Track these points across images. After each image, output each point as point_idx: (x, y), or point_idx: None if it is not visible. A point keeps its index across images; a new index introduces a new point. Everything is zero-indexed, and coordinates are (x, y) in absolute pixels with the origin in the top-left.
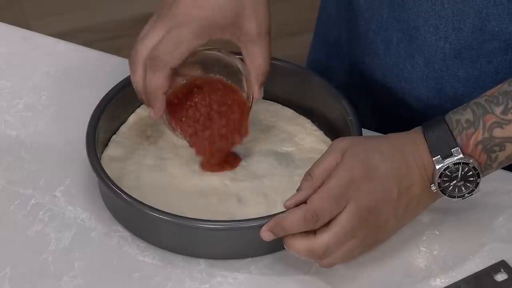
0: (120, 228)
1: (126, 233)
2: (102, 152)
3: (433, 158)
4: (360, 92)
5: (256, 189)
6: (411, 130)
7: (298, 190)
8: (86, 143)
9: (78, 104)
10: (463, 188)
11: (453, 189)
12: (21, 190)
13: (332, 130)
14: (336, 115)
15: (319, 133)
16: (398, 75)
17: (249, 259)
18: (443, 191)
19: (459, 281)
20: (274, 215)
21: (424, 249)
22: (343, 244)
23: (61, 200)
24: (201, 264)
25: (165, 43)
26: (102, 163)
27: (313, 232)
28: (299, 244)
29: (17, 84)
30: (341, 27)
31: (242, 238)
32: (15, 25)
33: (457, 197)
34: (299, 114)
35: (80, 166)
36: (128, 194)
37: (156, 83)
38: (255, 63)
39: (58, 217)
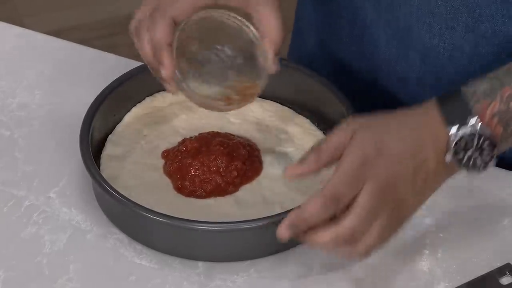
0: (116, 230)
1: (122, 235)
2: (96, 152)
3: (448, 128)
4: (348, 94)
5: (254, 190)
6: (422, 104)
7: (301, 162)
8: (79, 142)
9: (73, 103)
10: (477, 160)
11: (468, 161)
12: (15, 191)
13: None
14: (336, 115)
15: (319, 133)
16: (390, 74)
17: (249, 261)
18: (458, 162)
19: (463, 284)
20: (273, 216)
21: (427, 252)
22: (368, 225)
23: (56, 201)
24: (199, 267)
25: None
26: (102, 163)
27: (334, 223)
28: (324, 236)
29: (10, 83)
30: (320, 30)
31: (240, 239)
32: (8, 23)
33: (472, 170)
34: (298, 113)
35: (75, 166)
36: (122, 194)
37: (160, 34)
38: (270, 26)
39: (53, 219)
